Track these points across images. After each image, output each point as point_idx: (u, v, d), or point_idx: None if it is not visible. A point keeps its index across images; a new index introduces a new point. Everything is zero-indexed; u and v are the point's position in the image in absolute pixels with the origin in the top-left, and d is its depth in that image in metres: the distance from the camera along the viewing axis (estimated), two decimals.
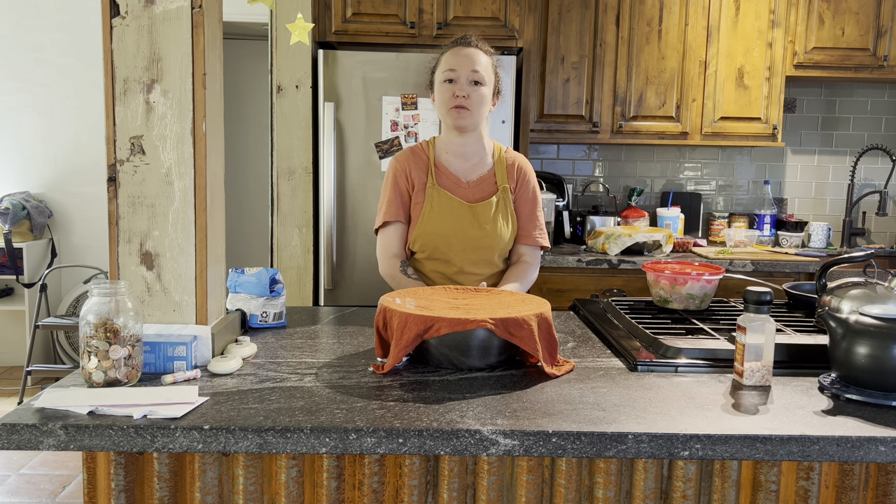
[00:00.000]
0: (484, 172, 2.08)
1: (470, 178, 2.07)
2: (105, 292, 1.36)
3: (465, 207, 2.03)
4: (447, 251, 2.03)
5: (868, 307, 1.39)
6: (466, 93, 1.97)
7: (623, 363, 1.59)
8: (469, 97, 1.98)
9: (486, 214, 2.03)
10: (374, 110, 3.20)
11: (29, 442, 1.18)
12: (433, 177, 2.06)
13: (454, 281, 2.05)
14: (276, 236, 3.35)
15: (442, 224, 2.02)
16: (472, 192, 2.06)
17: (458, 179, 2.07)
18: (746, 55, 3.54)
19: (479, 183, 2.07)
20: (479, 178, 2.07)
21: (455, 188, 2.06)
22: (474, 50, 2.01)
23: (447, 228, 2.02)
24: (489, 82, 2.01)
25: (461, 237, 2.02)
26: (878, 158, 4.00)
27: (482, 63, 2.00)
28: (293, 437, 1.18)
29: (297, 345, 1.70)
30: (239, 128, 4.94)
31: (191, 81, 1.49)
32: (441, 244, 2.03)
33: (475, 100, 1.98)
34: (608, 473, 1.33)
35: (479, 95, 1.99)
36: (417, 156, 2.10)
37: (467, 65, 1.98)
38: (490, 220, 2.03)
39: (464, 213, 2.02)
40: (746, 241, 3.65)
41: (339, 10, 3.27)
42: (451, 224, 2.02)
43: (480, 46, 2.04)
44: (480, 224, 2.02)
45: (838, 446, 1.19)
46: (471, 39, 2.04)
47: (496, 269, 2.08)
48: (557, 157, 3.96)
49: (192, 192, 1.50)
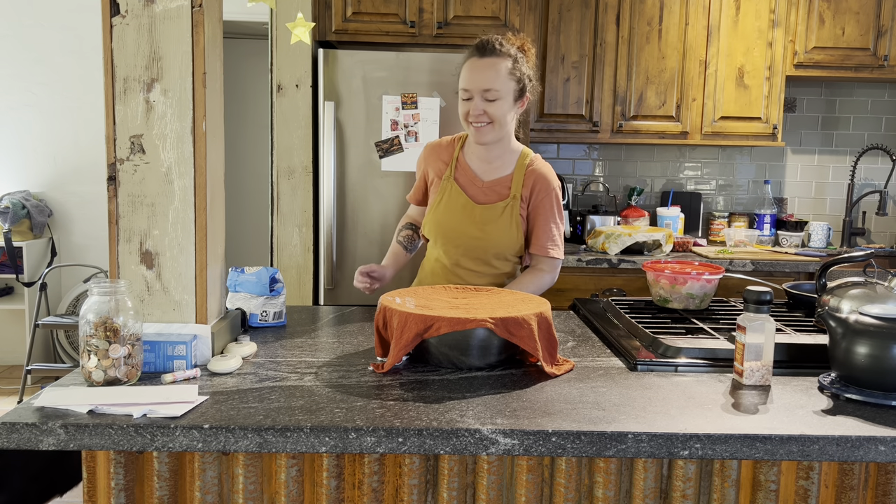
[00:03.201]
0: (502, 175, 2.07)
1: (487, 179, 2.07)
2: (105, 291, 1.36)
3: (470, 206, 2.04)
4: (445, 243, 2.08)
5: (868, 307, 1.39)
6: (481, 110, 1.96)
7: (623, 363, 1.59)
8: (485, 113, 1.96)
9: (488, 217, 2.03)
10: (375, 109, 3.20)
11: (29, 441, 1.18)
12: (452, 170, 2.10)
13: (450, 272, 2.08)
14: (276, 235, 3.35)
15: (446, 217, 2.07)
16: (483, 192, 2.06)
17: (476, 177, 2.08)
18: (746, 55, 3.54)
19: (493, 185, 2.06)
20: (495, 181, 2.07)
21: (469, 185, 2.08)
22: (490, 60, 1.95)
23: (449, 222, 2.06)
24: (506, 94, 1.97)
25: (459, 233, 2.05)
26: (878, 158, 4.00)
27: (498, 76, 1.95)
28: (293, 436, 1.18)
29: (297, 344, 1.70)
30: (239, 127, 4.94)
31: (191, 80, 1.49)
32: (441, 235, 2.08)
33: (492, 115, 1.97)
34: (608, 473, 1.33)
35: (496, 110, 1.96)
36: (445, 148, 2.15)
37: (479, 84, 1.95)
38: (491, 223, 2.03)
39: (468, 211, 2.04)
40: (746, 240, 3.65)
41: (339, 10, 3.27)
42: (454, 219, 2.05)
43: (500, 51, 1.96)
44: (480, 225, 2.03)
45: (838, 446, 1.19)
46: (489, 45, 1.97)
47: (495, 271, 2.07)
48: (557, 156, 3.96)
49: (192, 192, 1.50)
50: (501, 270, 2.08)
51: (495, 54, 1.96)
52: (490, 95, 1.95)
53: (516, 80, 1.98)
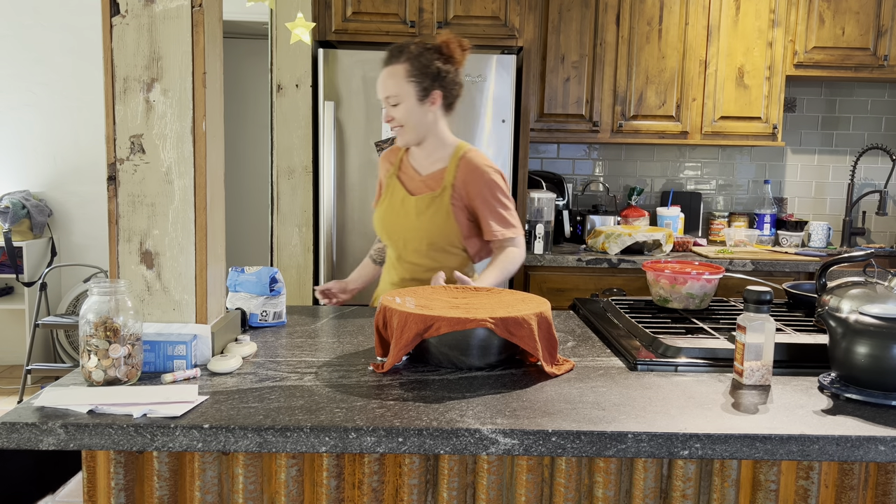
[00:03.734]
0: (439, 168, 2.15)
1: (425, 173, 2.16)
2: (105, 291, 1.36)
3: (408, 199, 2.14)
4: (388, 237, 2.19)
5: (868, 307, 1.39)
6: (389, 116, 2.09)
7: (623, 362, 1.59)
8: (393, 119, 2.09)
9: (421, 207, 2.11)
10: (374, 109, 3.20)
11: (29, 440, 1.18)
12: (396, 169, 2.22)
13: (400, 266, 2.18)
14: (276, 235, 3.35)
15: (388, 211, 2.18)
16: (420, 185, 2.15)
17: (416, 173, 2.18)
18: (746, 54, 3.54)
19: (430, 178, 2.14)
20: (433, 174, 2.15)
21: (409, 180, 2.18)
22: (390, 69, 2.07)
23: (389, 216, 2.17)
24: (407, 96, 2.06)
25: (398, 226, 2.15)
26: (878, 158, 4.00)
27: (395, 82, 2.05)
28: (293, 436, 1.18)
29: (297, 344, 1.70)
30: (239, 127, 4.94)
31: (191, 80, 1.49)
32: (384, 230, 2.20)
33: (399, 119, 2.08)
34: (608, 473, 1.33)
35: (400, 113, 2.07)
36: (394, 152, 2.26)
37: (381, 92, 2.09)
38: (423, 213, 2.10)
39: (405, 203, 2.14)
40: (746, 240, 3.65)
41: (339, 9, 3.27)
42: (393, 212, 2.16)
43: (399, 57, 2.07)
44: (414, 215, 2.12)
45: (838, 446, 1.19)
46: (389, 53, 2.09)
47: (437, 264, 2.10)
48: (557, 156, 3.96)
49: (192, 191, 1.50)
50: (445, 263, 2.11)
51: (392, 62, 2.08)
52: (391, 101, 2.07)
53: (417, 81, 2.06)
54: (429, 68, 2.06)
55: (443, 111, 2.13)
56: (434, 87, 2.07)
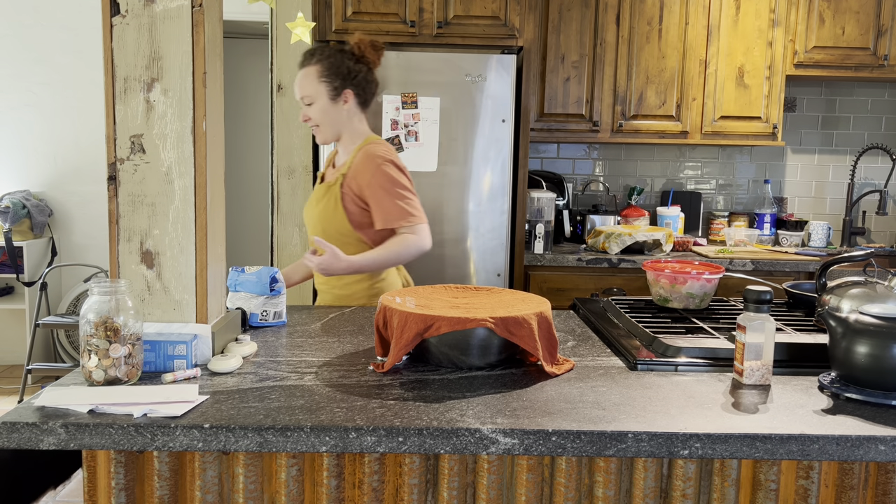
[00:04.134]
0: (346, 160, 2.23)
1: (338, 164, 2.28)
2: (105, 291, 1.36)
3: (314, 190, 2.28)
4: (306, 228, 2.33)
5: (868, 306, 1.39)
6: (305, 116, 2.20)
7: (623, 362, 1.59)
8: (310, 118, 2.19)
9: (318, 196, 2.23)
10: (375, 109, 3.20)
11: (29, 440, 1.18)
12: (329, 163, 2.35)
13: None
14: (277, 235, 3.35)
15: (306, 204, 2.33)
16: (329, 177, 2.27)
17: (333, 167, 2.31)
18: (747, 54, 3.54)
19: (338, 170, 2.23)
20: (341, 166, 2.24)
21: (329, 174, 2.30)
22: (304, 70, 2.17)
23: (305, 208, 2.32)
24: (319, 96, 2.16)
25: (306, 216, 2.29)
26: (878, 158, 4.00)
27: (308, 83, 2.15)
28: (293, 435, 1.18)
29: (297, 343, 1.70)
30: (239, 126, 4.94)
31: (191, 80, 1.49)
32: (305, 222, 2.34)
33: (313, 119, 2.19)
34: (608, 472, 1.33)
35: (313, 112, 2.18)
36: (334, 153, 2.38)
37: (296, 93, 2.19)
38: (319, 202, 2.21)
39: (313, 195, 2.28)
40: (746, 240, 3.65)
41: (339, 9, 3.27)
42: (307, 204, 2.30)
43: (311, 59, 2.16)
44: (313, 204, 2.24)
45: (838, 445, 1.19)
46: (306, 55, 2.18)
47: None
48: (557, 156, 3.96)
49: (193, 191, 1.51)
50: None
51: (306, 64, 2.18)
52: (306, 101, 2.18)
53: (328, 81, 2.16)
54: (339, 68, 2.16)
55: (358, 108, 2.22)
56: (345, 86, 2.17)
